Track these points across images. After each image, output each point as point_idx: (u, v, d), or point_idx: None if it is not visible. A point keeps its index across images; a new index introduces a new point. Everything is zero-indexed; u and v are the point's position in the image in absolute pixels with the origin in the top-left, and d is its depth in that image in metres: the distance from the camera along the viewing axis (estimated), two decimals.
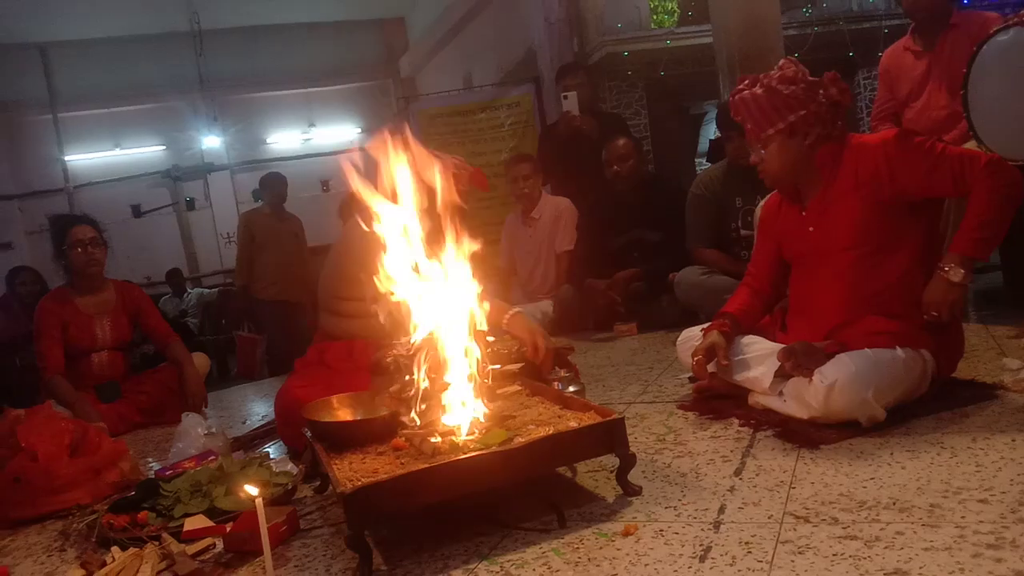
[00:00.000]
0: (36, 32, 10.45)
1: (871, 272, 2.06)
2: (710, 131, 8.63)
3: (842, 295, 2.08)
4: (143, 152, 11.86)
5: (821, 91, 2.10)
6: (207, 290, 10.52)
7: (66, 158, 11.32)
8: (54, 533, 2.06)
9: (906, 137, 2.07)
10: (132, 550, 1.71)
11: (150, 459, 2.61)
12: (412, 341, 1.84)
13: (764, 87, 2.12)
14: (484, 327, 1.87)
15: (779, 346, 2.05)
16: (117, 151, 11.68)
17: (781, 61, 2.18)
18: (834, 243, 2.11)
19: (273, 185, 5.84)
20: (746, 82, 2.20)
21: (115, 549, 1.76)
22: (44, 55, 10.93)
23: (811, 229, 2.17)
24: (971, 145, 2.85)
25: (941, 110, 3.16)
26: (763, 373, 2.06)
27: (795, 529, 1.42)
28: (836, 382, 1.84)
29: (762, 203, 2.60)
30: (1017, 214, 2.00)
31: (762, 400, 2.12)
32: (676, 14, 7.66)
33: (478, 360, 1.84)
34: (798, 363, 1.95)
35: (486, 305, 1.90)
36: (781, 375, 2.02)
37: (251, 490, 1.47)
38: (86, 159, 11.51)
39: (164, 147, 11.92)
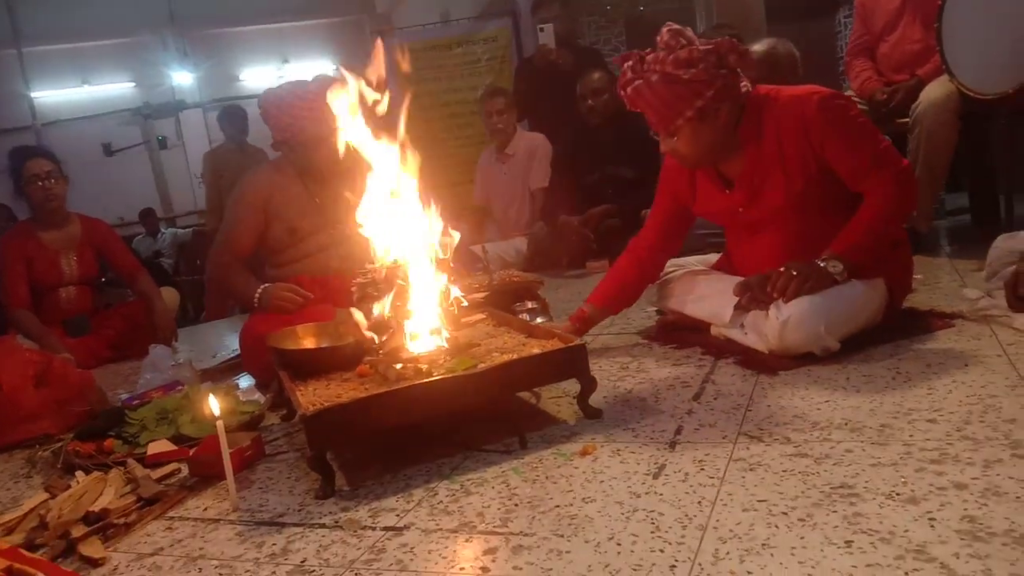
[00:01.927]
0: None
1: (811, 226, 2.01)
2: None
3: (783, 253, 2.01)
4: (112, 89, 11.53)
5: (721, 64, 1.90)
6: (181, 230, 10.40)
7: (32, 95, 10.99)
8: (20, 461, 2.07)
9: (827, 105, 1.92)
10: (96, 474, 1.72)
11: (119, 391, 2.61)
12: (377, 268, 1.83)
13: (659, 74, 1.88)
14: (449, 256, 1.87)
15: (738, 279, 2.05)
16: (85, 87, 11.35)
17: (663, 32, 1.95)
18: (770, 214, 2.05)
19: (233, 119, 5.69)
20: (630, 64, 1.97)
21: (79, 474, 1.77)
22: None
23: (741, 210, 2.09)
24: (943, 79, 2.85)
25: (915, 43, 3.14)
26: (722, 307, 2.08)
27: (748, 448, 1.45)
28: (790, 318, 1.86)
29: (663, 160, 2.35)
30: (988, 153, 1.98)
31: (723, 332, 2.14)
32: None
33: (443, 288, 1.84)
34: (754, 296, 1.96)
35: (455, 235, 1.89)
36: (740, 309, 2.04)
37: (213, 406, 1.48)
38: (53, 96, 11.19)
39: (134, 84, 11.60)
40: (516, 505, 1.36)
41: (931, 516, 1.12)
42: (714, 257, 2.40)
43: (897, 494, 1.19)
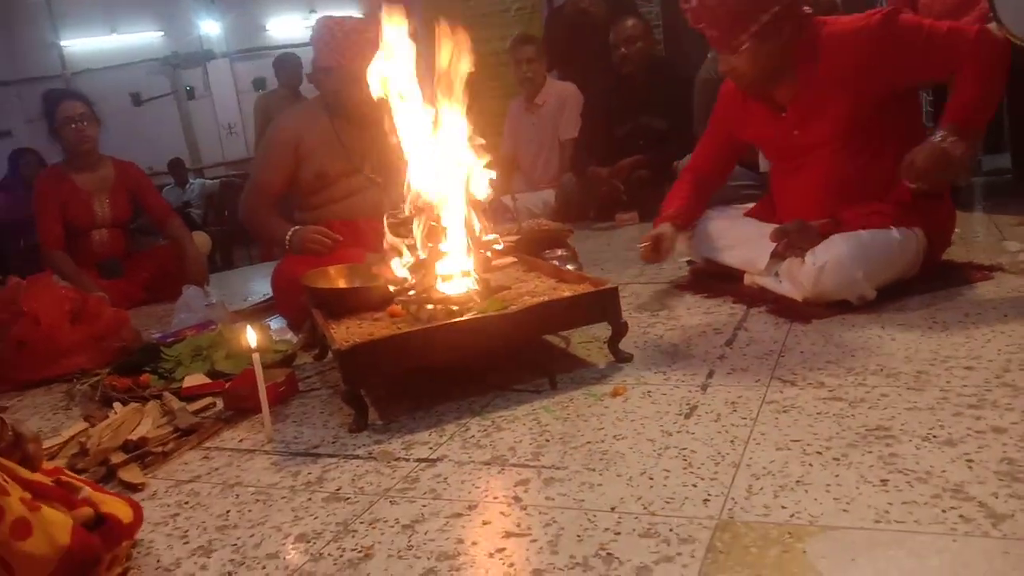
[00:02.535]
0: None
1: (858, 165, 1.99)
2: None
3: (829, 190, 2.01)
4: (141, 38, 11.52)
5: None
6: (209, 181, 10.44)
7: (62, 43, 11.03)
8: (59, 394, 2.12)
9: (893, 19, 1.90)
10: (134, 405, 1.75)
11: (152, 331, 2.65)
12: (409, 208, 1.83)
13: None
14: (484, 197, 1.86)
15: (773, 226, 2.03)
16: (114, 36, 11.35)
17: None
18: (820, 140, 2.02)
19: (287, 65, 5.68)
20: None
21: (117, 406, 1.81)
22: None
23: (796, 133, 2.06)
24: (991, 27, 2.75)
25: None
26: (757, 253, 2.06)
27: (781, 391, 1.44)
28: (827, 263, 1.84)
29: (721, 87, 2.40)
30: None
31: (757, 280, 2.12)
32: None
33: (476, 230, 1.83)
34: (791, 242, 1.94)
35: (490, 175, 1.87)
36: (775, 256, 2.02)
37: (250, 337, 1.50)
38: (83, 44, 11.21)
39: (162, 33, 11.58)
40: (547, 441, 1.37)
41: (968, 458, 1.11)
42: (747, 207, 2.37)
43: (934, 436, 1.19)
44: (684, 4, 2.02)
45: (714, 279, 2.30)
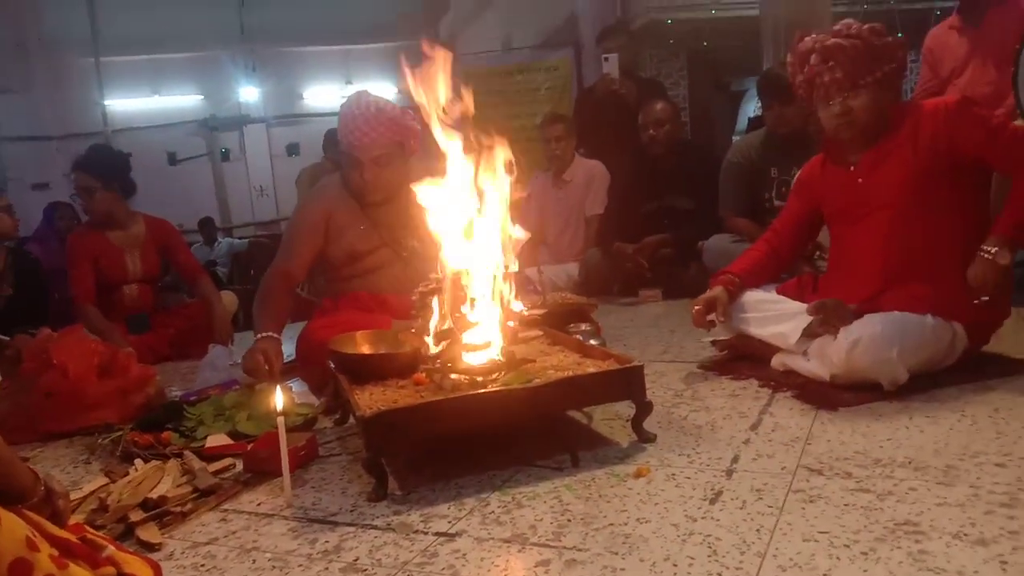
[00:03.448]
0: None
1: (913, 233, 2.04)
2: (750, 109, 8.49)
3: (883, 255, 2.07)
4: (181, 101, 11.91)
5: (900, 50, 2.09)
6: (237, 240, 10.63)
7: (106, 102, 11.41)
8: (81, 447, 2.12)
9: (967, 104, 2.05)
10: (154, 463, 1.75)
11: (175, 388, 2.67)
12: (439, 278, 1.86)
13: (857, 36, 2.06)
14: (514, 269, 1.88)
15: (804, 305, 2.04)
16: (156, 98, 11.75)
17: (845, 20, 2.13)
18: (881, 197, 2.09)
19: (336, 141, 5.79)
20: (813, 36, 2.14)
21: (138, 462, 1.81)
22: None
23: (860, 181, 2.15)
24: (1018, 123, 2.79)
25: (986, 86, 3.09)
26: (790, 329, 2.06)
27: (808, 480, 1.42)
28: (860, 339, 1.84)
29: (800, 169, 2.56)
30: None
31: (785, 360, 2.11)
32: None
33: (503, 302, 1.85)
34: (827, 318, 1.95)
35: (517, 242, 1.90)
36: (807, 334, 2.02)
37: (278, 400, 1.51)
38: (125, 104, 11.60)
39: (202, 96, 11.97)
40: (569, 520, 1.35)
41: (1003, 559, 1.08)
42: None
43: (965, 535, 1.16)
44: (808, 45, 2.12)
45: (739, 360, 2.30)
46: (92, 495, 1.64)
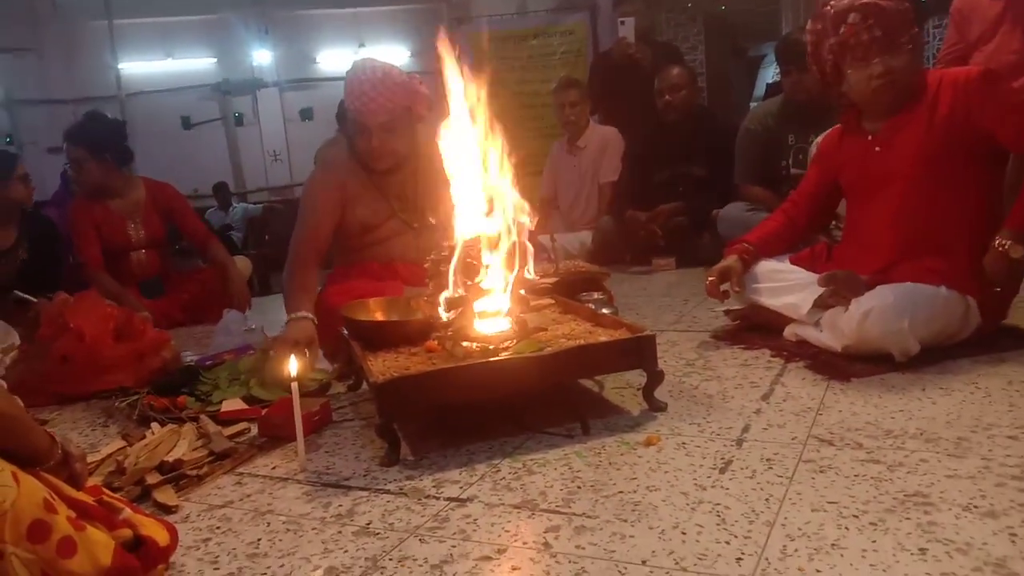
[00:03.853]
0: None
1: (928, 206, 2.02)
2: (768, 75, 8.36)
3: (896, 226, 2.05)
4: (194, 64, 11.85)
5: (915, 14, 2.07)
6: (252, 205, 10.65)
7: (119, 66, 11.38)
8: (98, 410, 2.15)
9: (990, 77, 2.01)
10: (171, 426, 1.78)
11: (190, 352, 2.69)
12: (452, 246, 1.85)
13: (890, 1, 2.02)
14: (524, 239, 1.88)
15: (816, 276, 2.03)
16: (169, 61, 11.70)
17: None
18: (897, 168, 2.07)
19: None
20: None
21: (155, 425, 1.84)
22: None
23: (878, 149, 2.12)
24: None
25: (1012, 55, 3.01)
26: (802, 299, 2.06)
27: (818, 450, 1.43)
28: (872, 310, 1.83)
29: (820, 137, 2.54)
30: None
31: (797, 331, 2.11)
32: None
33: (515, 271, 1.85)
34: (837, 289, 1.94)
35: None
36: (819, 305, 2.01)
37: (292, 366, 1.52)
38: (138, 68, 11.56)
39: (215, 60, 11.92)
40: (579, 487, 1.36)
41: (1012, 531, 1.08)
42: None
43: (975, 506, 1.16)
44: (844, 3, 2.07)
45: (752, 330, 2.29)
46: (109, 458, 1.67)
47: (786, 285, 2.17)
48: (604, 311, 2.38)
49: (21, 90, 10.90)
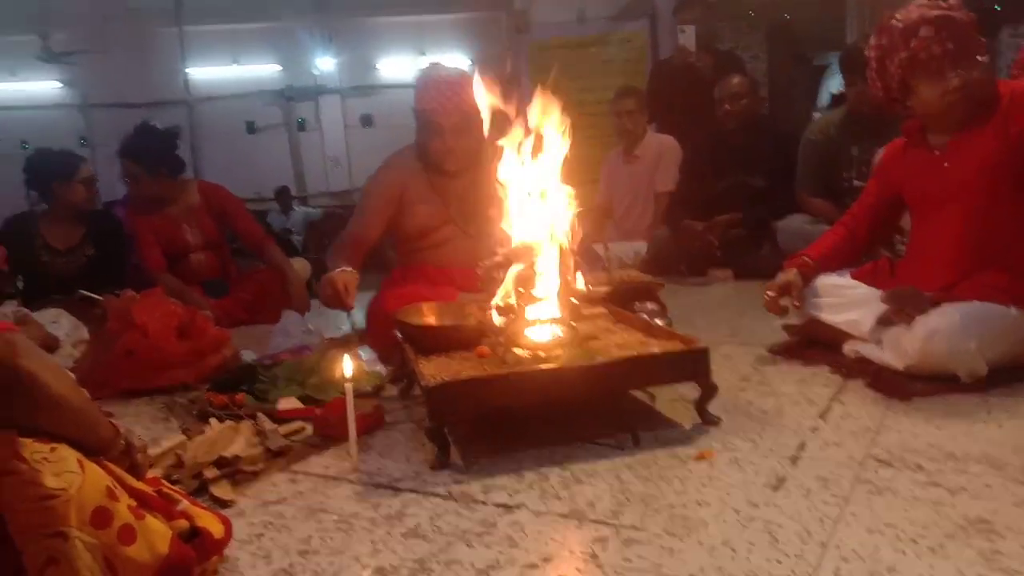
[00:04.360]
0: None
1: (996, 222, 1.96)
2: (833, 84, 8.19)
3: (963, 242, 2.00)
4: (259, 70, 12.15)
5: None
6: (312, 209, 10.86)
7: (188, 71, 11.74)
8: (160, 405, 2.22)
9: None
10: (229, 423, 1.82)
11: (250, 351, 2.75)
12: (505, 253, 1.86)
13: (958, 8, 1.99)
14: (575, 247, 1.88)
15: (879, 292, 1.98)
16: (235, 67, 12.02)
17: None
18: (965, 183, 2.01)
19: None
20: (910, 10, 2.03)
21: (213, 421, 1.88)
22: None
23: (946, 164, 2.06)
24: None
25: None
26: (863, 316, 2.01)
27: (876, 471, 1.39)
28: (937, 329, 1.78)
29: (882, 149, 2.48)
30: None
31: (858, 348, 2.06)
32: None
33: (567, 279, 1.85)
34: (902, 306, 1.88)
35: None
36: (882, 322, 1.96)
37: (347, 367, 1.55)
38: (206, 73, 11.91)
39: (279, 66, 12.20)
40: (628, 499, 1.35)
41: None
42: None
43: None
44: (914, 17, 2.03)
45: (811, 346, 2.25)
46: (170, 451, 1.71)
47: (848, 301, 2.12)
48: (657, 322, 2.36)
49: (95, 94, 11.32)
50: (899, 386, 1.82)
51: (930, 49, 1.97)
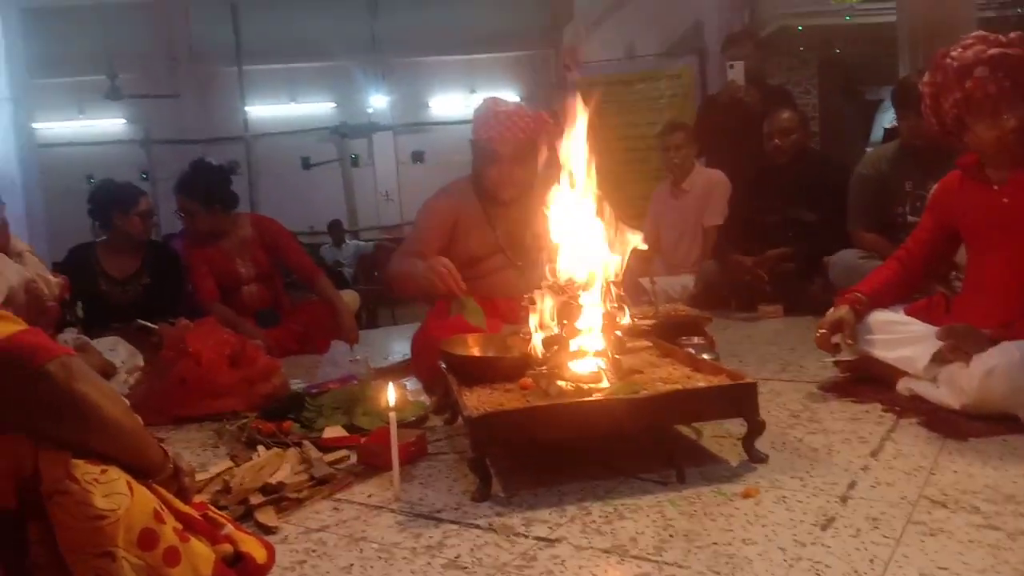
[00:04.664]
0: None
1: None
2: (886, 119, 8.06)
3: (1022, 278, 1.94)
4: (315, 108, 12.53)
5: None
6: (363, 243, 11.05)
7: (247, 108, 12.14)
8: (210, 432, 2.26)
9: None
10: (275, 450, 1.85)
11: (299, 380, 2.80)
12: (549, 286, 1.87)
13: (1019, 45, 1.94)
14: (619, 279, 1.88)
15: (935, 328, 1.93)
16: (292, 105, 12.41)
17: (974, 34, 2.00)
18: None
19: None
20: (964, 48, 2.00)
21: (261, 448, 1.91)
22: (234, 11, 11.72)
23: (1005, 200, 2.02)
24: None
25: None
26: (918, 353, 1.95)
27: (929, 512, 1.34)
28: (996, 367, 1.72)
29: (936, 184, 2.43)
30: None
31: (912, 386, 2.00)
32: None
33: (612, 312, 1.85)
34: (958, 344, 1.83)
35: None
36: (937, 360, 1.91)
37: (390, 396, 1.56)
38: (264, 111, 12.31)
39: (334, 104, 12.55)
40: (671, 536, 1.33)
41: None
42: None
43: None
44: (969, 57, 1.99)
45: (863, 383, 2.19)
46: (217, 477, 1.75)
47: (901, 337, 2.07)
48: (704, 356, 2.34)
49: (157, 130, 11.77)
50: (955, 425, 1.76)
51: (985, 88, 1.94)
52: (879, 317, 2.17)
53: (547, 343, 1.83)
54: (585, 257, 1.84)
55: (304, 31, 11.72)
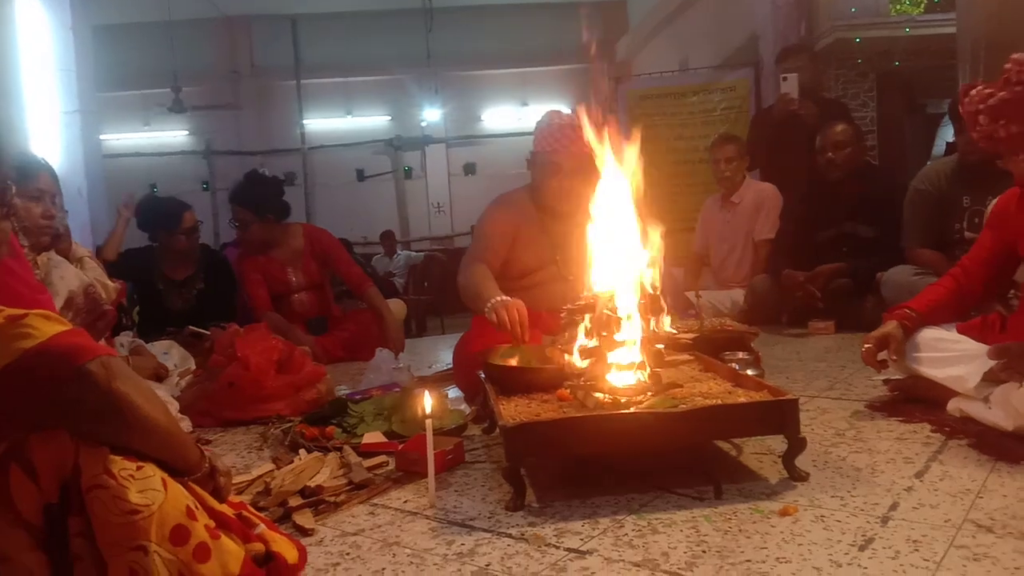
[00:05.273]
0: (289, 5, 11.55)
1: None
2: (948, 133, 7.84)
3: None
4: (370, 121, 12.73)
5: None
6: (414, 253, 11.17)
7: (304, 121, 12.41)
8: (255, 435, 2.31)
9: None
10: (316, 454, 1.88)
11: (343, 386, 2.84)
12: (589, 297, 1.87)
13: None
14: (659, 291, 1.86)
15: (986, 347, 1.86)
16: (348, 118, 12.63)
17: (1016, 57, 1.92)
18: None
19: None
20: (976, 92, 1.97)
21: (302, 452, 1.95)
22: (294, 26, 12.02)
23: None
24: None
25: None
26: (969, 373, 1.89)
27: (974, 536, 1.30)
28: None
29: (995, 200, 2.36)
30: None
31: (963, 406, 1.94)
32: (923, 3, 7.02)
33: (652, 324, 1.83)
34: (1011, 363, 1.77)
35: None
36: (989, 379, 1.84)
37: (427, 403, 1.58)
38: (320, 124, 12.56)
39: (389, 117, 12.74)
40: (704, 552, 1.31)
41: None
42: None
43: None
44: (971, 106, 1.97)
45: (912, 402, 2.14)
46: (259, 479, 1.79)
47: (952, 356, 2.01)
48: (748, 372, 2.30)
49: (219, 142, 12.12)
50: (1006, 448, 1.70)
51: (996, 134, 1.91)
52: (928, 334, 2.11)
53: (585, 355, 1.82)
54: (625, 268, 1.83)
55: (360, 46, 11.97)
